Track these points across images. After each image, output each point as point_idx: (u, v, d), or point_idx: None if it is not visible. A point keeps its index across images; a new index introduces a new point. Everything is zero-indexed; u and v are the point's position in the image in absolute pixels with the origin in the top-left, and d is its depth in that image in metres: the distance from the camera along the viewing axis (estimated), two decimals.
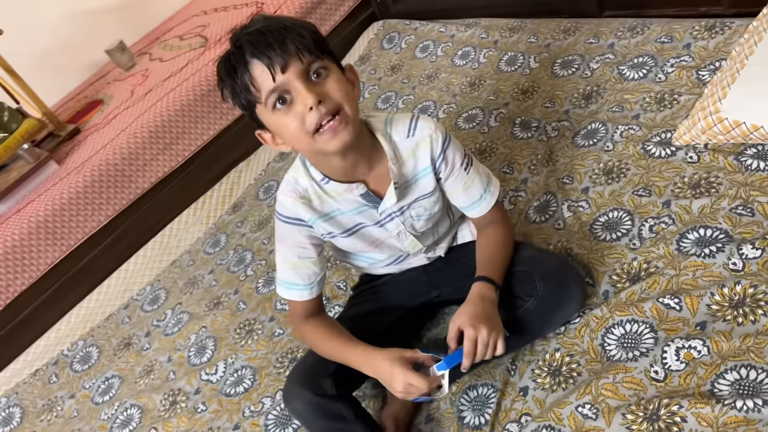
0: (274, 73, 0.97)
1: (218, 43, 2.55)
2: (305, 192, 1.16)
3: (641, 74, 1.64)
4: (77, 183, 2.13)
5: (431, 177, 1.19)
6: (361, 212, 1.19)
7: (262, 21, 1.00)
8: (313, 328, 1.23)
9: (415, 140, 1.16)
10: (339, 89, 1.02)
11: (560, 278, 1.20)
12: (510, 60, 1.99)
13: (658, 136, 1.47)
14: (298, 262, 1.21)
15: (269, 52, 0.96)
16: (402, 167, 1.17)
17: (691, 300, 1.12)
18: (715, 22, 1.61)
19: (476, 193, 1.23)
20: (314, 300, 1.25)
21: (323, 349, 1.21)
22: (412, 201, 1.20)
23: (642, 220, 1.32)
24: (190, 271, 2.07)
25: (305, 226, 1.18)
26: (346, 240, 1.23)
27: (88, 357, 1.96)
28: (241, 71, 0.98)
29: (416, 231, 1.25)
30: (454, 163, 1.19)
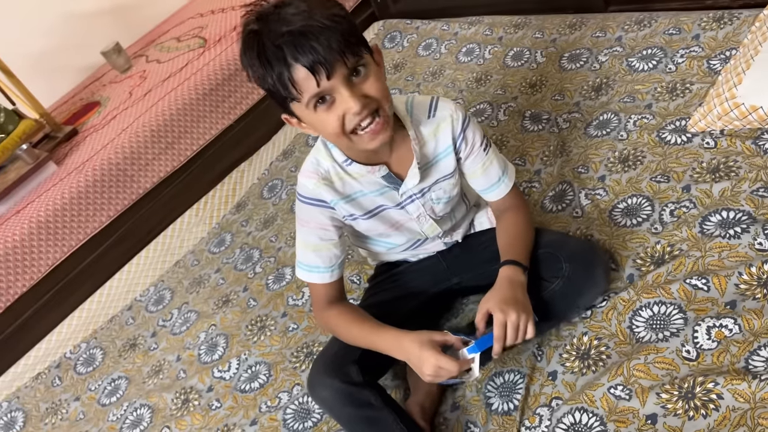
0: (320, 80, 0.95)
1: (218, 43, 2.54)
2: (327, 173, 1.17)
3: (651, 65, 1.65)
4: (78, 183, 2.10)
5: (452, 157, 1.20)
6: (382, 194, 1.19)
7: (301, 17, 0.94)
8: (337, 314, 1.22)
9: (436, 121, 1.18)
10: (378, 87, 1.01)
11: (586, 259, 1.20)
12: (516, 55, 2.00)
13: (672, 124, 1.48)
14: (320, 244, 1.20)
15: (314, 56, 0.93)
16: (423, 147, 1.18)
17: (719, 280, 1.13)
18: (723, 13, 1.63)
19: (494, 175, 1.24)
20: (336, 283, 1.24)
21: (349, 335, 1.19)
22: (433, 183, 1.21)
23: (662, 205, 1.33)
24: (195, 270, 2.04)
25: (327, 207, 1.18)
26: (367, 222, 1.23)
27: (92, 359, 1.92)
28: (280, 70, 0.95)
29: (436, 214, 1.25)
30: (474, 143, 1.20)
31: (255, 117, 2.42)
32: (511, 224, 1.25)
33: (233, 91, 2.36)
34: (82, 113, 2.67)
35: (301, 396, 1.42)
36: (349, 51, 0.96)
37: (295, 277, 1.75)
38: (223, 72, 2.34)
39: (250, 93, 2.39)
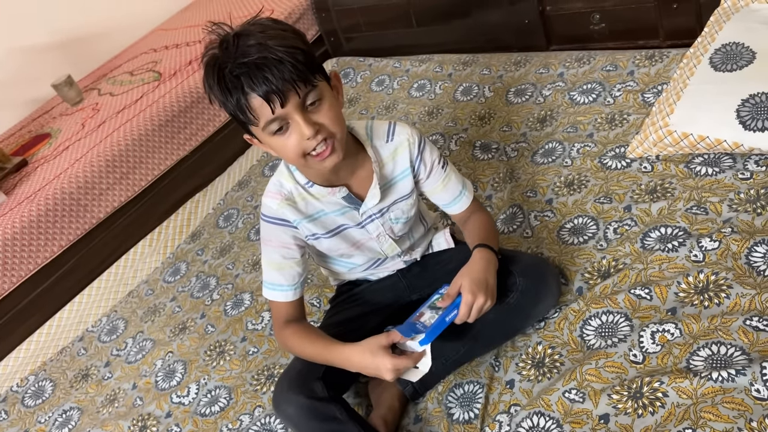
0: (274, 108, 1.02)
1: (173, 77, 2.57)
2: (290, 194, 1.23)
3: (591, 98, 1.78)
4: (30, 212, 2.06)
5: (410, 179, 1.28)
6: (343, 213, 1.26)
7: (257, 49, 1.00)
8: (293, 332, 1.26)
9: (394, 144, 1.26)
10: (332, 117, 1.09)
11: (538, 272, 1.27)
12: (465, 90, 2.11)
13: (612, 151, 1.59)
14: (282, 262, 1.25)
15: (268, 86, 1.00)
16: (383, 169, 1.25)
17: (660, 290, 1.22)
18: (654, 52, 1.78)
19: (455, 189, 1.31)
20: (297, 302, 1.28)
21: (304, 353, 1.23)
22: (391, 203, 1.28)
23: (606, 223, 1.42)
24: (149, 300, 2.03)
25: (290, 226, 1.24)
26: (329, 241, 1.28)
27: (41, 391, 1.87)
28: (238, 97, 1.02)
29: (395, 234, 1.32)
30: (433, 163, 1.28)
31: (210, 149, 2.45)
32: (478, 223, 1.31)
33: (189, 122, 2.39)
34: (31, 145, 2.63)
35: (263, 417, 1.43)
36: (302, 81, 1.03)
37: (254, 303, 1.77)
38: (179, 104, 2.37)
39: (206, 125, 2.42)
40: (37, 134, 2.73)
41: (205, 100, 2.39)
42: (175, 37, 3.05)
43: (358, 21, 2.57)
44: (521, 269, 1.26)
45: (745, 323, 1.08)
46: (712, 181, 1.37)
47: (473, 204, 1.34)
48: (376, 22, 2.53)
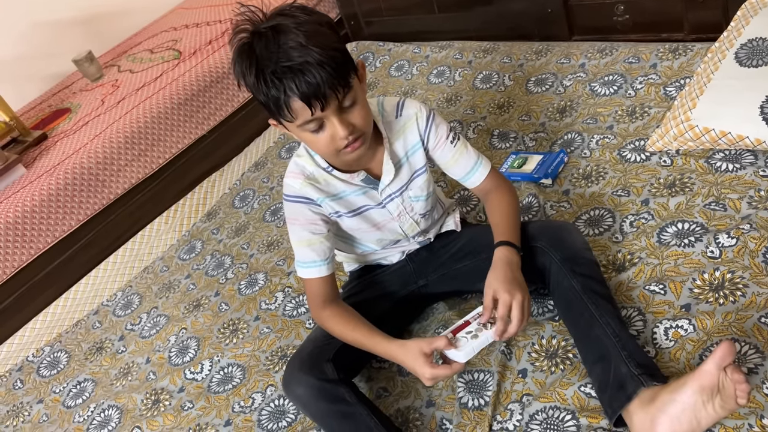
0: (314, 111, 1.05)
1: (193, 56, 2.57)
2: (312, 174, 1.25)
3: (612, 90, 1.77)
4: (49, 186, 2.09)
5: (421, 152, 1.29)
6: (364, 193, 1.28)
7: (299, 53, 1.01)
8: (333, 314, 1.27)
9: (403, 120, 1.28)
10: (364, 116, 1.12)
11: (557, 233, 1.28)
12: (485, 78, 2.10)
13: (632, 144, 1.58)
14: (312, 237, 1.26)
15: (310, 91, 1.02)
16: (394, 145, 1.27)
17: (674, 285, 1.22)
18: (677, 45, 1.77)
19: (468, 163, 1.31)
20: (331, 278, 1.29)
21: (345, 337, 1.24)
22: (408, 180, 1.30)
23: (623, 217, 1.42)
24: (164, 276, 2.05)
25: (314, 203, 1.25)
26: (351, 220, 1.30)
27: (56, 362, 1.90)
28: (278, 96, 1.03)
29: (415, 213, 1.33)
30: (440, 136, 1.29)
31: (228, 128, 2.46)
32: (497, 204, 1.30)
33: (207, 102, 2.40)
34: (51, 119, 2.66)
35: (275, 396, 1.45)
36: (342, 85, 1.05)
37: (268, 283, 1.79)
38: (198, 84, 2.38)
39: (224, 105, 2.43)
40: (57, 108, 2.75)
41: (223, 80, 2.40)
42: (195, 16, 3.05)
43: (379, 5, 2.56)
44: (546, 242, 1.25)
45: (760, 320, 1.08)
46: (732, 178, 1.36)
47: (492, 176, 1.33)
48: (398, 7, 2.52)
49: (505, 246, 1.21)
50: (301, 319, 1.62)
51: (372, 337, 1.21)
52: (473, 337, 1.12)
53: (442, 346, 1.12)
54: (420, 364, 1.11)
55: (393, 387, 1.36)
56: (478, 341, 1.11)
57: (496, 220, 1.28)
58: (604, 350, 1.11)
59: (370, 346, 1.21)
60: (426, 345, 1.12)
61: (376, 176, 1.27)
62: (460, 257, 1.39)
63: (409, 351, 1.14)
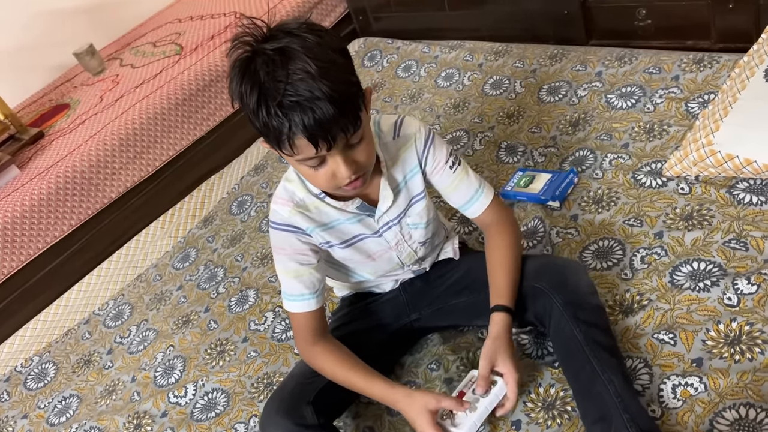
0: (319, 150, 0.95)
1: (194, 51, 2.48)
2: (302, 201, 1.15)
3: (629, 104, 1.64)
4: (41, 189, 2.02)
5: (419, 177, 1.20)
6: (359, 221, 1.18)
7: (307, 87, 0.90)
8: (324, 352, 1.18)
9: (401, 140, 1.18)
10: (369, 153, 1.04)
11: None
12: (495, 83, 1.98)
13: (648, 166, 1.46)
14: (300, 269, 1.17)
15: (318, 129, 0.91)
16: (392, 168, 1.17)
17: (686, 335, 1.11)
18: (703, 55, 1.63)
19: (468, 192, 1.21)
20: (320, 311, 1.20)
21: (337, 377, 1.16)
22: (406, 206, 1.20)
23: (634, 250, 1.30)
24: (157, 286, 1.98)
25: (303, 233, 1.16)
26: (344, 251, 1.21)
27: (43, 374, 1.85)
28: (281, 129, 0.92)
29: (414, 242, 1.24)
30: (439, 159, 1.19)
31: (228, 129, 2.37)
32: (497, 249, 1.20)
33: (207, 102, 2.31)
34: (50, 115, 2.59)
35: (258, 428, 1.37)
36: (352, 124, 0.96)
37: (259, 301, 1.71)
38: (198, 82, 2.29)
39: (224, 105, 2.34)
40: (57, 104, 2.68)
41: (223, 79, 2.31)
42: (200, 6, 2.96)
43: (388, 0, 2.43)
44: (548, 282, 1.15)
45: None
46: (756, 212, 1.24)
47: (493, 208, 1.23)
48: (407, 3, 2.40)
49: (503, 312, 1.12)
50: (290, 344, 1.54)
51: (370, 380, 1.13)
52: (472, 409, 1.06)
53: (450, 407, 1.06)
54: (424, 421, 1.05)
55: (380, 427, 1.27)
56: (477, 414, 1.06)
57: (495, 273, 1.18)
58: (605, 410, 1.01)
59: (367, 389, 1.13)
60: (433, 401, 1.06)
61: (373, 202, 1.18)
62: (456, 291, 1.29)
63: (414, 403, 1.07)
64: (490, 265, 1.19)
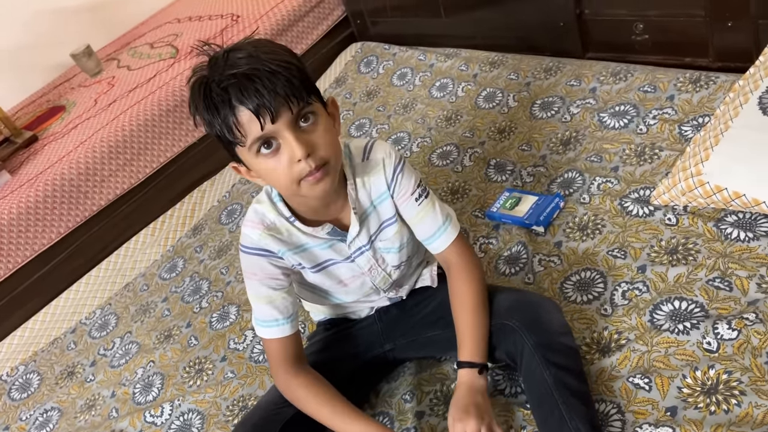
0: (263, 123, 0.93)
1: (189, 55, 2.45)
2: (272, 224, 1.12)
3: (622, 123, 1.58)
4: (29, 197, 2.01)
5: (390, 202, 1.16)
6: (330, 246, 1.15)
7: (247, 61, 0.93)
8: (302, 384, 1.14)
9: (370, 164, 1.15)
10: (327, 142, 0.99)
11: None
12: (488, 96, 1.92)
13: (636, 193, 1.41)
14: (273, 294, 1.14)
15: (258, 99, 0.91)
16: (360, 192, 1.14)
17: (662, 381, 1.06)
18: (700, 75, 1.56)
19: (432, 226, 1.17)
20: (295, 337, 1.16)
21: (316, 413, 1.12)
22: (377, 230, 1.17)
23: (615, 284, 1.26)
24: (143, 296, 1.97)
25: (275, 256, 1.13)
26: (315, 275, 1.18)
27: (27, 384, 1.84)
28: (225, 113, 0.93)
29: (388, 265, 1.20)
30: (405, 189, 1.15)
31: None
32: (459, 297, 1.16)
33: None
34: (45, 117, 2.58)
35: None
36: (295, 96, 0.94)
37: (239, 318, 1.69)
38: None
39: None
40: (54, 105, 2.67)
41: None
42: (200, 6, 2.92)
43: (384, 4, 2.38)
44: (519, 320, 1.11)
45: None
46: (743, 249, 1.18)
47: (456, 247, 1.18)
48: (402, 7, 2.34)
49: (467, 369, 1.09)
50: (266, 366, 1.52)
51: (348, 420, 1.09)
52: None
53: None
54: None
55: None
56: None
57: (459, 325, 1.14)
58: None
59: (346, 428, 1.09)
60: None
61: (344, 227, 1.14)
62: (432, 321, 1.26)
63: None
64: (454, 312, 1.16)
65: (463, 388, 1.09)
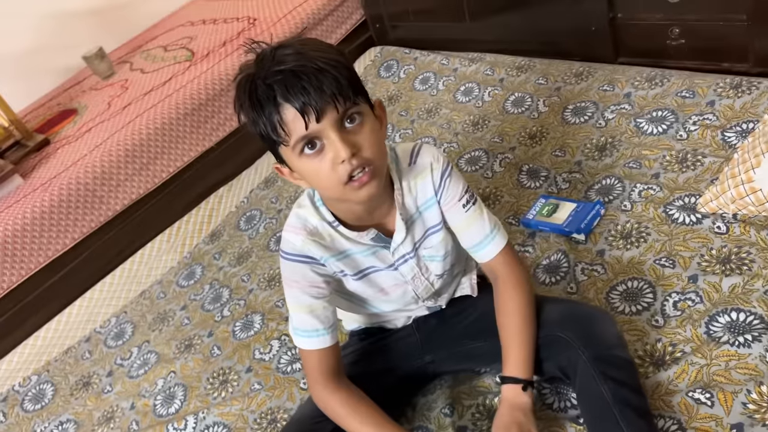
0: (308, 122, 0.89)
1: (205, 58, 2.41)
2: (315, 229, 1.08)
3: (661, 129, 1.54)
4: (42, 202, 1.96)
5: (436, 208, 1.12)
6: (373, 253, 1.11)
7: (294, 58, 0.90)
8: (340, 400, 1.09)
9: (417, 168, 1.11)
10: (372, 143, 0.95)
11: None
12: (517, 101, 1.88)
13: (680, 200, 1.37)
14: (314, 303, 1.09)
15: (304, 98, 0.89)
16: (406, 198, 1.10)
17: (724, 396, 1.01)
18: (741, 80, 1.53)
19: (479, 234, 1.13)
20: (334, 348, 1.12)
21: (351, 428, 1.07)
22: (422, 237, 1.13)
23: (665, 294, 1.21)
24: (160, 304, 1.91)
25: (317, 263, 1.08)
26: (356, 283, 1.14)
27: (41, 395, 1.78)
28: (270, 111, 0.91)
29: (431, 274, 1.16)
30: (452, 196, 1.11)
31: (238, 140, 2.30)
32: (506, 308, 1.12)
33: (216, 111, 2.23)
34: (57, 120, 2.53)
35: None
36: (342, 95, 0.91)
37: (264, 328, 1.63)
38: (207, 91, 2.21)
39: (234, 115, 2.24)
40: (65, 108, 2.62)
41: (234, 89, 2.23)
42: (214, 9, 2.88)
43: (406, 8, 2.35)
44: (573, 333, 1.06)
45: None
46: None
47: (504, 256, 1.14)
48: (426, 11, 2.30)
49: (511, 385, 1.04)
50: (296, 377, 1.47)
51: None
52: None
53: None
54: None
55: None
56: None
57: (504, 337, 1.09)
58: None
59: None
60: None
61: (388, 233, 1.10)
62: (474, 333, 1.21)
63: None
64: (500, 323, 1.11)
65: (505, 405, 1.06)
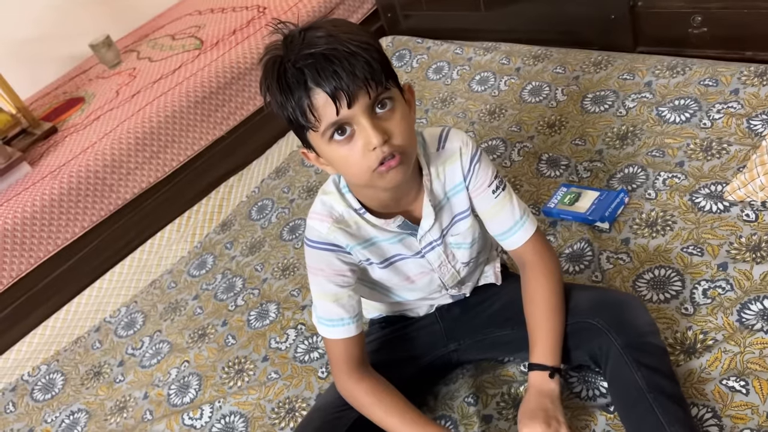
0: (340, 107, 0.87)
1: (215, 46, 2.38)
2: (341, 216, 1.06)
3: (684, 118, 1.53)
4: (52, 189, 1.93)
5: (464, 194, 1.10)
6: (400, 240, 1.09)
7: (326, 40, 0.87)
8: (366, 389, 1.07)
9: (446, 153, 1.08)
10: (403, 129, 0.93)
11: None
12: (534, 90, 1.86)
13: (706, 188, 1.35)
14: (339, 292, 1.07)
15: (336, 82, 0.86)
16: (434, 183, 1.08)
17: (759, 384, 1.00)
18: (765, 68, 1.51)
19: (508, 221, 1.11)
20: (360, 337, 1.10)
21: (382, 421, 1.05)
22: (449, 224, 1.11)
23: (694, 282, 1.20)
24: (171, 294, 1.89)
25: (343, 251, 1.07)
26: (382, 271, 1.12)
27: (51, 385, 1.76)
28: (300, 95, 0.88)
29: (457, 262, 1.14)
30: (482, 181, 1.09)
31: (249, 129, 2.27)
32: (534, 294, 1.10)
33: (227, 100, 2.21)
34: (63, 109, 2.50)
35: None
36: (374, 80, 0.88)
37: (280, 317, 1.61)
38: (218, 79, 2.19)
39: (245, 104, 2.24)
40: (71, 97, 2.59)
41: (245, 77, 2.21)
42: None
43: None
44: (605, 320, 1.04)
45: None
46: None
47: (534, 243, 1.12)
48: (439, 0, 2.28)
49: (537, 372, 1.03)
50: (313, 366, 1.45)
51: (421, 429, 1.02)
52: None
53: None
54: None
55: None
56: None
57: (532, 325, 1.08)
58: None
59: None
60: None
61: (415, 220, 1.08)
62: (499, 322, 1.19)
63: None
64: (527, 310, 1.09)
65: (532, 391, 1.04)
